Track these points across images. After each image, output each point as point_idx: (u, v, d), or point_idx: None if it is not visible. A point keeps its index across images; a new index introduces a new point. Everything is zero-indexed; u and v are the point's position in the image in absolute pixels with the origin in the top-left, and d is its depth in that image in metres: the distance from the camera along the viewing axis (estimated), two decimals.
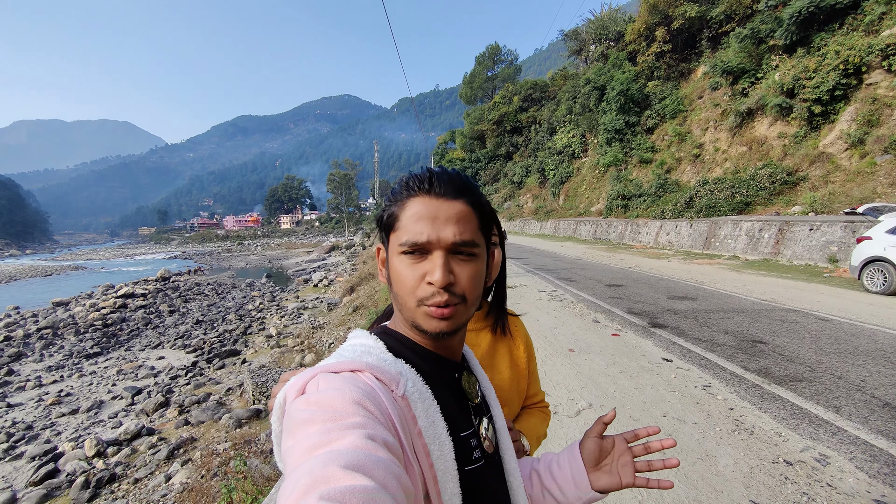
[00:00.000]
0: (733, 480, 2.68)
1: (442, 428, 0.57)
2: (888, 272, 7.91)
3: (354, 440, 0.43)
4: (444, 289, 0.59)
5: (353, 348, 0.61)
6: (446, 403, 0.62)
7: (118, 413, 8.66)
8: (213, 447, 6.11)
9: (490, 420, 0.72)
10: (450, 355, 0.69)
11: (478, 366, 0.78)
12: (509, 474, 0.72)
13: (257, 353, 11.91)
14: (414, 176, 0.64)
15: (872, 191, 12.72)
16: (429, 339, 0.64)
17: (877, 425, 3.26)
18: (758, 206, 16.04)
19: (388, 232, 0.64)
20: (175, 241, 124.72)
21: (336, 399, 0.48)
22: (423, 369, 0.62)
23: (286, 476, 0.43)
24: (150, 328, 16.55)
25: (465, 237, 0.61)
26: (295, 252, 61.14)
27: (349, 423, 0.45)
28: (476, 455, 0.64)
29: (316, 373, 0.53)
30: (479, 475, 0.63)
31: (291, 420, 0.48)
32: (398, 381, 0.56)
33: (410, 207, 0.61)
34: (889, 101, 13.69)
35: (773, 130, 17.66)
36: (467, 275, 0.61)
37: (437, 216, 0.60)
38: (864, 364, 4.46)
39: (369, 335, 0.65)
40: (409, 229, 0.60)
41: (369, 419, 0.47)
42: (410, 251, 0.60)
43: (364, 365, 0.55)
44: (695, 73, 24.70)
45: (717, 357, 4.81)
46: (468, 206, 0.63)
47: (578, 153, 32.76)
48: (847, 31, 15.67)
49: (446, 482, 0.55)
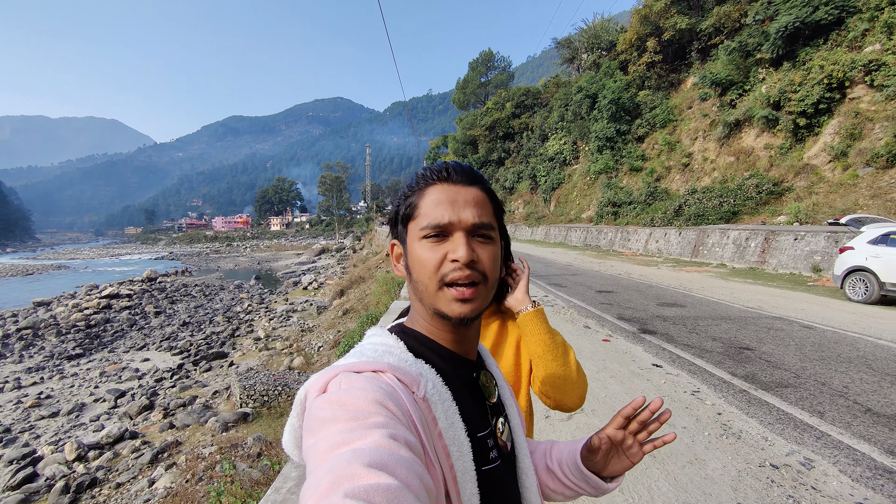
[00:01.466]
0: (722, 484, 2.71)
1: (461, 429, 0.58)
2: (869, 282, 8.10)
3: (377, 439, 0.43)
4: (467, 266, 0.60)
5: (374, 347, 0.62)
6: (465, 403, 0.62)
7: (100, 416, 8.48)
8: (199, 451, 6.01)
9: (506, 419, 0.72)
10: (467, 354, 0.69)
11: (494, 364, 0.78)
12: (523, 473, 0.72)
13: (245, 356, 11.76)
14: (430, 168, 0.66)
15: (855, 202, 13.03)
16: (450, 328, 0.65)
17: (859, 430, 3.33)
18: (745, 216, 16.33)
19: (406, 222, 0.66)
20: (162, 241, 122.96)
21: (359, 398, 0.48)
22: (443, 369, 0.62)
23: (308, 474, 0.43)
24: (135, 329, 16.27)
25: (483, 219, 0.63)
26: (284, 254, 60.63)
27: (372, 422, 0.46)
28: (493, 455, 0.64)
29: (338, 372, 0.54)
30: (495, 475, 0.63)
31: (312, 418, 0.49)
32: (419, 383, 0.57)
33: (430, 194, 0.64)
34: (871, 115, 14.07)
35: (759, 141, 18.02)
36: (487, 255, 0.63)
37: (457, 200, 0.63)
38: (847, 371, 4.56)
39: (389, 334, 0.65)
40: (430, 214, 0.62)
41: (391, 419, 0.47)
42: (433, 234, 0.62)
43: (386, 366, 0.55)
44: (684, 84, 25.13)
45: (705, 363, 4.88)
46: (483, 193, 0.66)
47: (570, 160, 33.06)
48: (831, 47, 16.09)
49: (465, 482, 0.56)
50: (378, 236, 38.74)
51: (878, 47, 14.46)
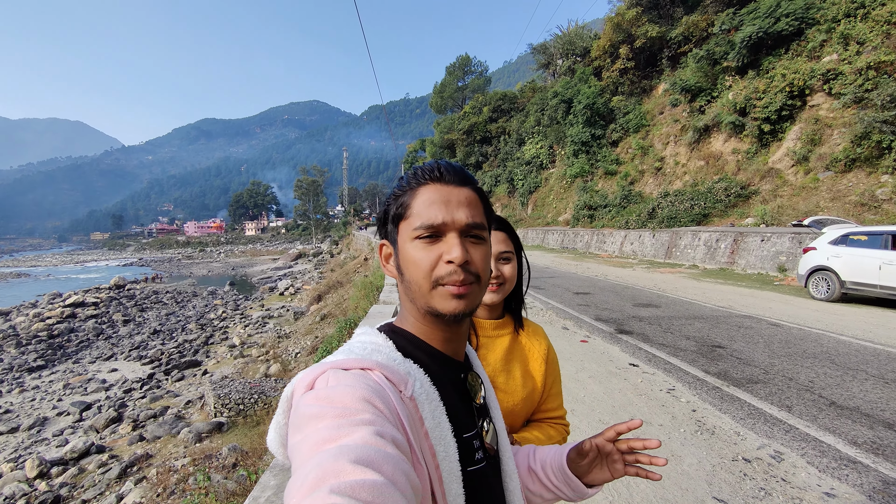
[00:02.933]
0: (697, 479, 2.77)
1: (447, 429, 0.58)
2: (831, 280, 8.47)
3: (364, 436, 0.43)
4: (461, 267, 0.61)
5: (363, 345, 0.62)
6: (452, 404, 0.62)
7: (64, 430, 8.09)
8: (171, 463, 5.79)
9: (491, 420, 0.73)
10: (455, 354, 0.69)
11: (481, 367, 0.79)
12: (506, 476, 0.73)
13: (219, 364, 11.44)
14: (422, 168, 0.66)
15: (816, 205, 13.64)
16: (442, 325, 0.65)
17: (825, 423, 3.47)
18: (715, 218, 16.87)
19: (397, 222, 0.65)
20: (131, 247, 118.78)
21: (346, 395, 0.48)
22: (431, 369, 0.62)
23: (294, 471, 0.43)
24: (102, 339, 15.62)
25: (476, 219, 0.64)
26: (260, 259, 59.40)
27: (359, 419, 0.45)
28: (479, 456, 0.65)
29: (326, 368, 0.53)
30: (480, 476, 0.64)
31: (299, 415, 0.48)
32: (407, 382, 0.57)
33: (423, 194, 0.63)
34: (829, 122, 14.77)
35: (727, 146, 18.68)
36: (480, 255, 0.64)
37: (450, 200, 0.63)
38: (812, 366, 4.75)
39: (378, 333, 0.65)
40: (423, 213, 0.62)
41: (378, 416, 0.47)
42: (426, 234, 0.62)
43: (374, 363, 0.55)
44: (656, 90, 25.85)
45: (680, 361, 5.00)
46: (475, 193, 0.67)
47: (546, 164, 33.53)
48: (792, 57, 16.84)
49: (451, 483, 0.56)
50: (356, 241, 38.39)
51: (835, 57, 15.21)
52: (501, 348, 1.17)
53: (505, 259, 1.15)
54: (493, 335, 1.19)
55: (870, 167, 13.08)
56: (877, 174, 12.81)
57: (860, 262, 8.04)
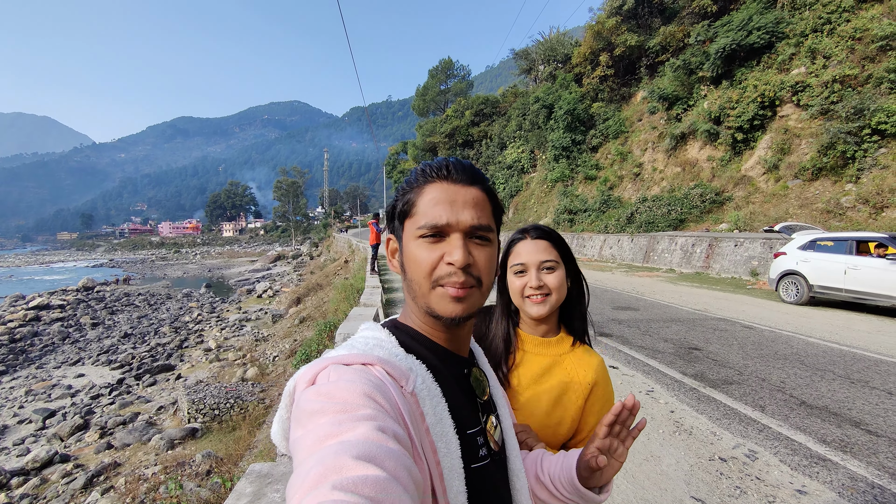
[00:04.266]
0: (675, 479, 2.81)
1: (449, 426, 0.58)
2: (800, 284, 8.78)
3: (365, 431, 0.43)
4: (463, 270, 0.60)
5: (366, 341, 0.61)
6: (455, 400, 0.62)
7: (25, 439, 7.72)
8: (140, 472, 5.58)
9: (497, 418, 0.72)
10: (459, 350, 0.69)
11: (486, 362, 0.78)
12: (513, 474, 0.72)
13: (194, 368, 11.12)
14: (430, 164, 0.65)
15: (786, 211, 14.14)
16: (441, 326, 0.64)
17: (796, 422, 3.57)
18: (691, 223, 17.32)
19: (402, 219, 0.65)
20: (101, 247, 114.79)
21: (347, 391, 0.48)
22: (434, 364, 0.62)
23: (295, 467, 0.42)
24: (69, 343, 15.00)
25: (482, 221, 0.63)
26: (238, 261, 58.18)
27: (360, 414, 0.45)
28: (482, 453, 0.64)
29: (327, 364, 0.53)
30: (484, 473, 0.63)
31: (301, 410, 0.48)
32: (408, 377, 0.56)
33: (428, 193, 0.63)
34: (798, 132, 15.36)
35: (703, 153, 19.23)
36: (484, 258, 0.63)
37: (456, 200, 0.62)
38: (783, 367, 4.89)
39: (381, 329, 0.65)
40: (428, 213, 0.61)
41: (380, 412, 0.47)
42: (430, 234, 0.61)
43: (375, 359, 0.55)
44: (635, 98, 26.45)
45: (658, 363, 5.08)
46: (483, 193, 0.65)
47: (528, 168, 33.89)
48: (763, 68, 17.47)
49: (452, 480, 0.55)
50: (336, 243, 37.95)
51: (803, 70, 15.85)
52: (538, 367, 1.08)
53: (549, 268, 1.07)
54: (534, 352, 1.11)
55: (835, 176, 13.64)
56: (841, 183, 13.37)
57: (827, 266, 8.36)
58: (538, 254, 1.08)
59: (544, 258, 1.07)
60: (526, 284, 1.07)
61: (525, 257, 1.08)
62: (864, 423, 3.54)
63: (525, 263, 1.08)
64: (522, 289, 1.08)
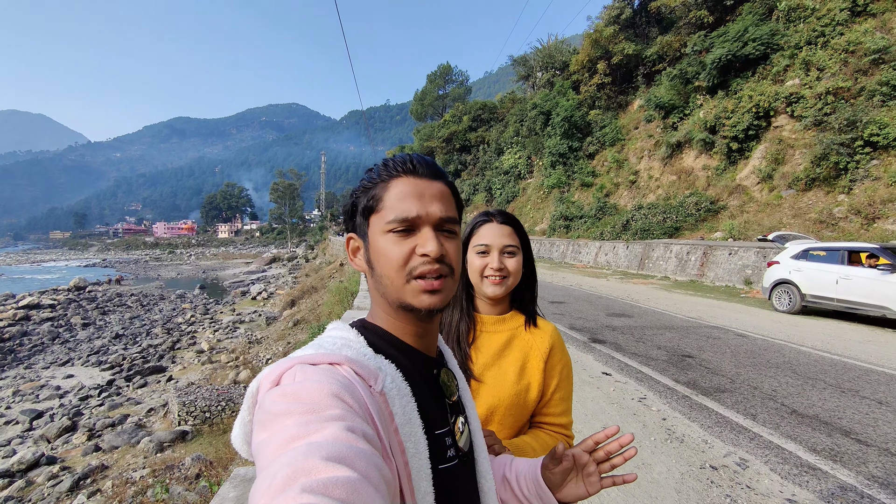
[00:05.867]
0: (666, 487, 2.80)
1: (418, 426, 0.57)
2: (792, 293, 8.83)
3: (334, 432, 0.42)
4: (437, 260, 0.60)
5: (333, 340, 0.60)
6: (424, 400, 0.61)
7: (12, 440, 7.61)
8: (128, 475, 5.51)
9: (466, 419, 0.71)
10: (428, 350, 0.69)
11: (455, 363, 0.77)
12: (481, 476, 0.71)
13: (186, 370, 11.02)
14: (394, 160, 0.65)
15: (779, 221, 14.25)
16: (414, 320, 0.64)
17: (787, 430, 3.58)
18: (686, 231, 17.41)
19: (368, 215, 0.64)
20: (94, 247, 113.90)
21: (314, 391, 0.46)
22: (403, 365, 0.61)
23: (260, 471, 0.40)
24: (58, 343, 14.84)
25: (450, 213, 0.64)
26: (232, 263, 57.91)
27: (328, 414, 0.44)
28: (450, 454, 0.63)
29: (293, 363, 0.51)
30: (452, 474, 0.62)
31: (265, 412, 0.46)
32: (377, 377, 0.55)
33: (395, 187, 0.62)
34: (792, 142, 15.52)
35: (698, 162, 19.38)
36: (454, 249, 0.64)
37: (424, 194, 0.62)
38: (775, 375, 4.91)
39: (349, 328, 0.64)
40: (397, 207, 0.61)
41: (348, 412, 0.46)
42: (400, 228, 0.61)
43: (343, 358, 0.54)
44: (632, 106, 26.65)
45: (651, 371, 5.09)
46: (447, 187, 0.66)
47: (524, 174, 34.01)
48: (758, 79, 17.66)
49: (420, 480, 0.54)
50: (332, 245, 37.85)
51: (797, 82, 16.04)
52: (498, 343, 1.14)
53: (510, 253, 1.13)
54: (492, 330, 1.16)
55: (828, 186, 13.78)
56: (834, 193, 13.50)
57: (819, 276, 8.42)
58: (503, 238, 1.12)
59: (508, 242, 1.12)
60: (487, 265, 1.12)
61: (489, 239, 1.13)
62: (854, 432, 3.55)
63: (489, 245, 1.12)
64: (483, 269, 1.13)
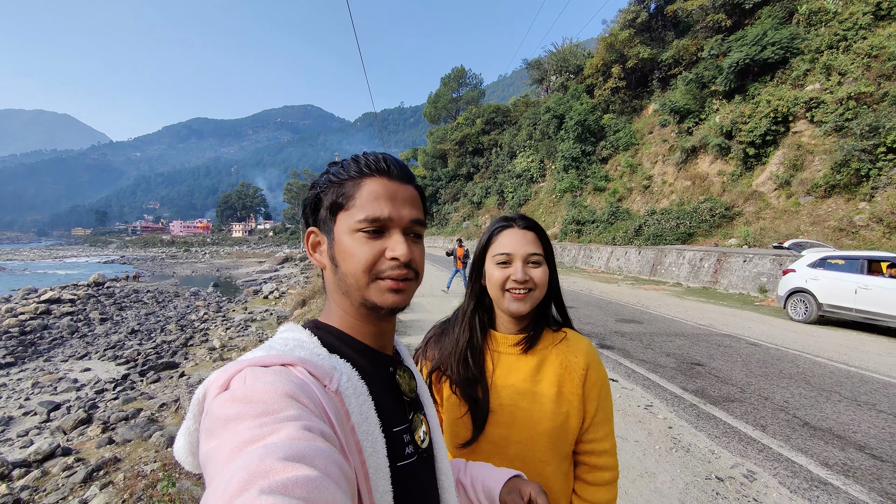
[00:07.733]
0: (670, 497, 2.77)
1: (375, 424, 0.56)
2: (809, 302, 8.63)
3: (291, 432, 0.40)
4: (405, 264, 0.61)
5: (285, 342, 0.58)
6: (381, 398, 0.61)
7: (30, 431, 7.79)
8: (140, 468, 5.60)
9: (424, 416, 0.71)
10: (384, 349, 0.69)
11: (411, 361, 0.77)
12: (441, 473, 0.71)
13: (198, 367, 11.19)
14: (366, 158, 0.65)
15: (797, 228, 13.95)
16: (373, 320, 0.65)
17: (798, 443, 3.50)
18: (699, 237, 17.15)
19: (335, 211, 0.63)
20: (114, 244, 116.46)
21: (267, 393, 0.44)
22: (359, 364, 0.61)
23: (210, 480, 0.38)
24: (77, 337, 15.18)
25: (419, 217, 0.65)
26: (246, 262, 58.68)
27: (283, 416, 0.42)
28: (408, 451, 0.63)
29: (242, 367, 0.49)
30: (410, 472, 0.62)
31: (213, 419, 0.44)
32: (332, 376, 0.54)
33: (368, 186, 0.62)
34: (811, 148, 15.19)
35: (713, 168, 19.08)
36: (419, 253, 0.65)
37: (396, 196, 0.63)
38: (788, 386, 4.80)
39: (302, 329, 0.62)
40: (368, 207, 0.61)
41: (304, 412, 0.44)
42: (370, 228, 0.61)
43: (296, 359, 0.52)
44: (646, 110, 26.37)
45: (659, 378, 5.02)
46: (417, 191, 0.67)
47: (537, 177, 33.88)
48: (777, 84, 17.35)
49: (378, 479, 0.54)
50: None
51: (817, 87, 15.71)
52: (527, 367, 1.00)
53: (534, 262, 0.99)
54: (514, 352, 1.03)
55: (848, 194, 13.45)
56: (855, 201, 13.17)
57: (837, 285, 8.21)
58: (526, 245, 0.99)
59: (532, 250, 0.99)
60: (509, 277, 0.98)
61: (511, 248, 0.99)
62: (868, 447, 3.46)
63: (511, 254, 0.98)
64: (504, 281, 0.98)
